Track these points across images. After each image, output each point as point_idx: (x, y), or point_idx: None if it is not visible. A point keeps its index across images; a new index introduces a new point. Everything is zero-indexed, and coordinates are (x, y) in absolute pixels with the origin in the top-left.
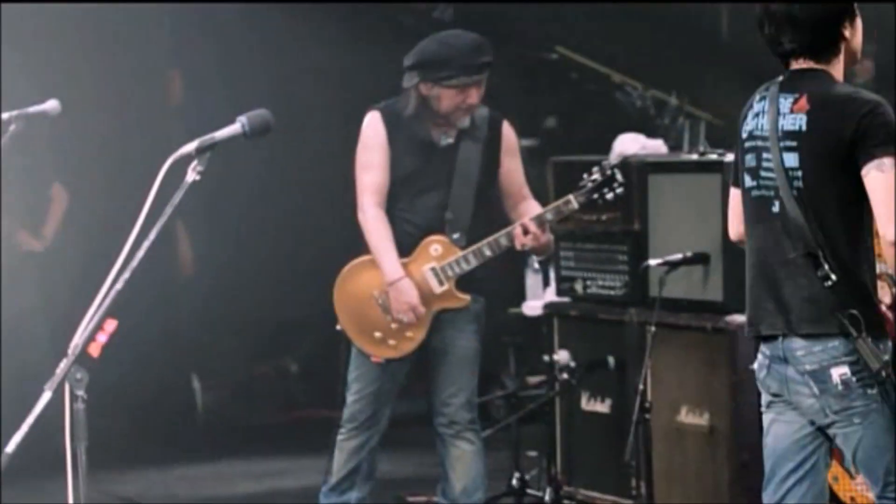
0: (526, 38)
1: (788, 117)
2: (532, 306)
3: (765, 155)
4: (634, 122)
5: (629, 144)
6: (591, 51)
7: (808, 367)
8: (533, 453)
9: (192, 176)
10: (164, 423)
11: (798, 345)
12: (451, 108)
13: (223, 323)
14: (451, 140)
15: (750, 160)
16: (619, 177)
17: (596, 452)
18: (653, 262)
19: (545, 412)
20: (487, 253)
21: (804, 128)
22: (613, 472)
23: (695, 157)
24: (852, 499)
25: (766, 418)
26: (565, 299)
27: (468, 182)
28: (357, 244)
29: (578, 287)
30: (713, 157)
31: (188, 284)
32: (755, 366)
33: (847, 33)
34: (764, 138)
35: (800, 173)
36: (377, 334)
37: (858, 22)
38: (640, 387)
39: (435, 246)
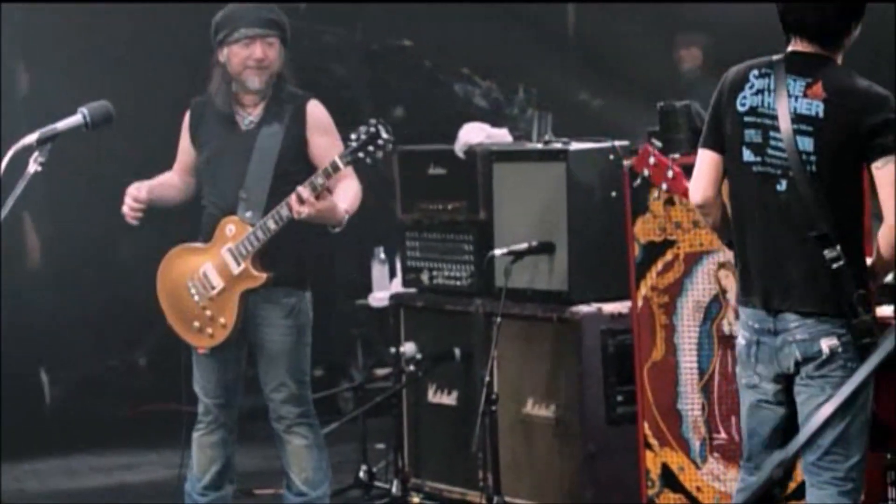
0: (375, 28)
1: (802, 101)
2: (378, 297)
3: (773, 134)
4: (484, 112)
5: (474, 134)
6: (443, 45)
7: (798, 337)
8: (380, 445)
9: (33, 167)
10: (13, 416)
11: (792, 317)
12: (239, 66)
13: (71, 316)
14: (253, 120)
15: (753, 135)
16: (384, 134)
17: (443, 444)
18: (498, 251)
19: (392, 404)
20: (272, 226)
21: (821, 115)
22: (460, 463)
23: (539, 146)
24: (698, 488)
25: (746, 400)
26: (411, 290)
27: (266, 160)
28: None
29: (424, 278)
30: (558, 145)
31: (35, 276)
32: (739, 340)
33: (854, 30)
34: (772, 117)
35: (814, 158)
36: (196, 324)
37: (859, 27)
38: (487, 378)
39: (230, 226)
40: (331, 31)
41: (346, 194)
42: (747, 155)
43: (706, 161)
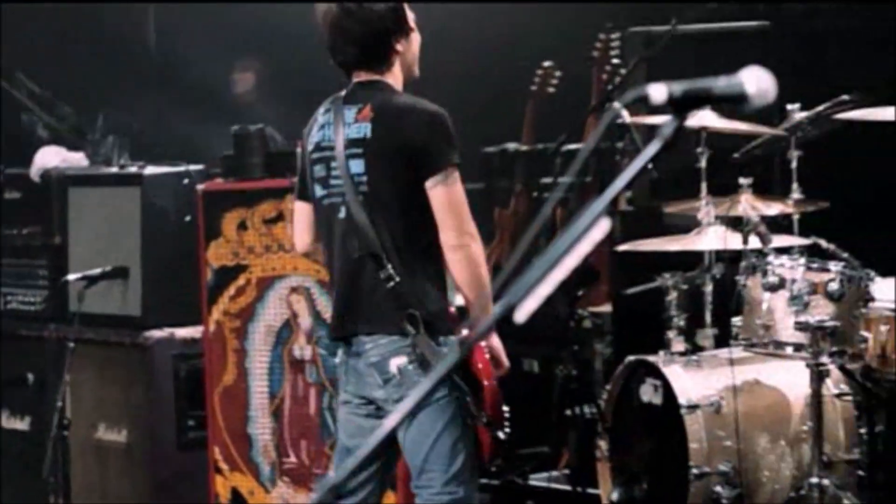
0: None
1: (353, 126)
2: None
3: (333, 164)
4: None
5: (50, 157)
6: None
7: (372, 359)
8: None
9: None
10: None
11: (366, 339)
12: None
13: None
14: None
15: (319, 170)
16: None
17: (16, 469)
18: (72, 276)
19: None
20: None
21: (368, 135)
22: (34, 488)
23: (114, 169)
24: None
25: (341, 416)
26: None
27: None
28: None
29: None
30: (133, 169)
31: None
32: (336, 361)
33: (400, 48)
34: (331, 148)
35: (365, 178)
36: None
37: (414, 37)
38: (59, 403)
39: None
40: None
41: None
42: (318, 190)
43: (298, 211)
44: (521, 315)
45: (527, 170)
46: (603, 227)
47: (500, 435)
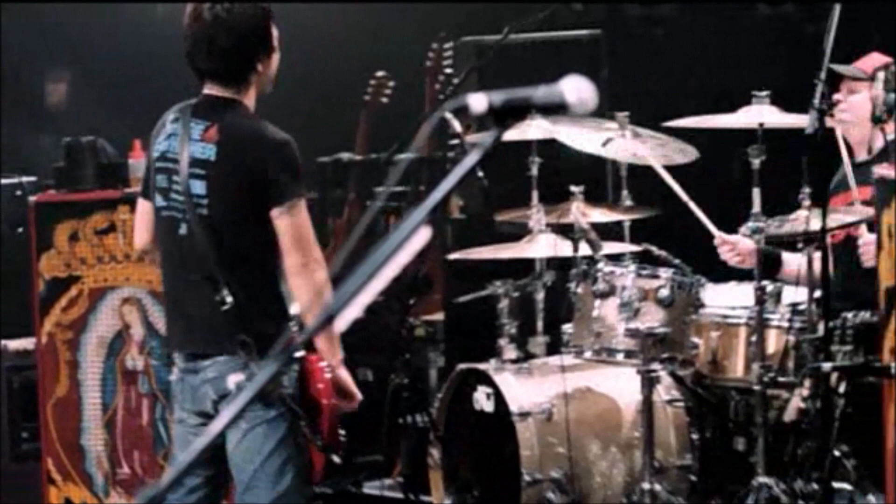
0: None
1: (198, 145)
2: None
3: (175, 178)
4: None
5: None
6: None
7: (210, 375)
8: None
9: None
10: None
11: (203, 358)
12: None
13: None
14: None
15: (161, 181)
16: None
17: None
18: None
19: None
20: None
21: (213, 158)
22: None
23: None
24: None
25: (177, 433)
26: None
27: None
28: None
29: None
30: None
31: None
32: (172, 377)
33: (260, 67)
34: (176, 161)
35: (206, 200)
36: None
37: (275, 57)
38: None
39: None
40: None
41: None
42: (158, 200)
43: (140, 209)
44: (342, 324)
45: (360, 179)
46: (423, 236)
47: (335, 458)
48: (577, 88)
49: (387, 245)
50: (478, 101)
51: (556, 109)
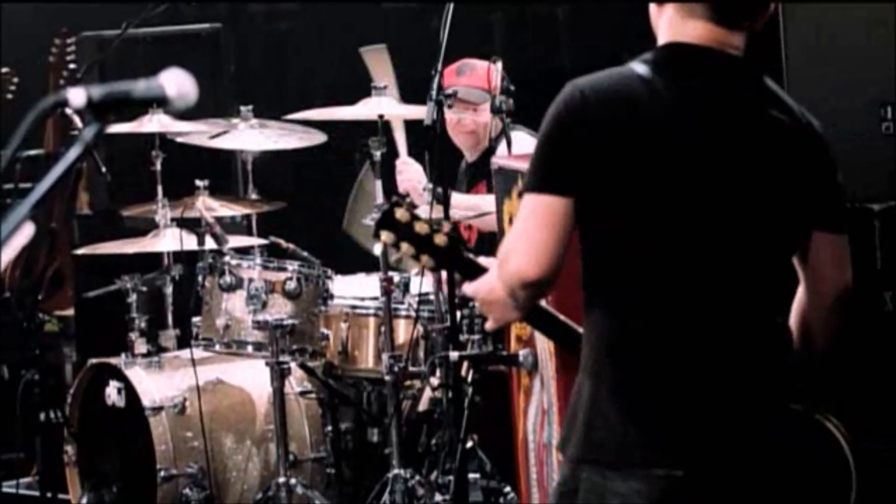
0: None
1: None
2: None
3: None
4: None
5: None
6: None
7: None
8: None
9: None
10: None
11: None
12: None
13: None
14: None
15: None
16: None
17: None
18: None
19: None
20: None
21: None
22: None
23: None
24: None
25: None
26: None
27: None
28: None
29: None
30: None
31: None
32: None
33: None
34: None
35: None
36: None
37: None
38: None
39: None
40: None
41: None
42: None
43: None
44: None
45: None
46: (26, 232)
47: None
48: (177, 82)
49: None
50: (77, 95)
51: (157, 103)
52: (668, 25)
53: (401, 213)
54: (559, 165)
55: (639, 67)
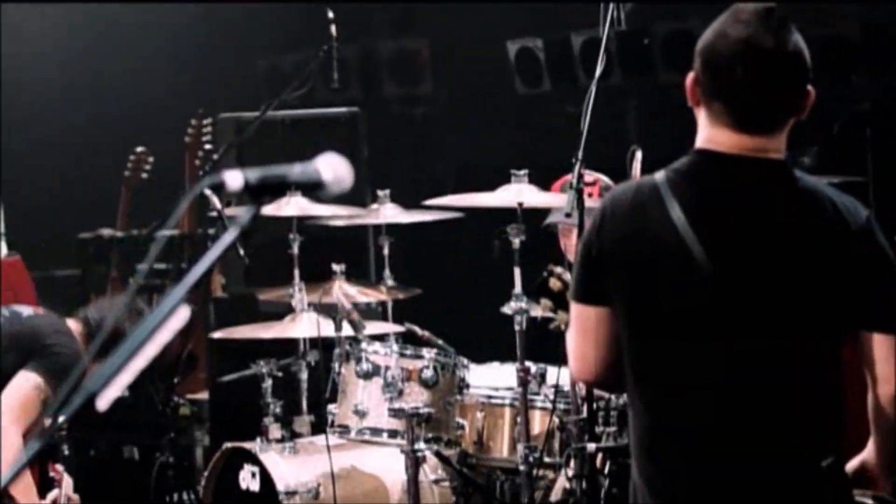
0: None
1: None
2: None
3: None
4: None
5: None
6: None
7: None
8: None
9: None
10: None
11: None
12: None
13: None
14: None
15: None
16: None
17: None
18: None
19: None
20: None
21: None
22: None
23: None
24: None
25: None
26: None
27: None
28: None
29: None
30: None
31: None
32: None
33: None
34: None
35: None
36: None
37: None
38: None
39: None
40: None
41: None
42: None
43: None
44: (103, 403)
45: (122, 255)
46: (182, 315)
47: None
48: (332, 166)
49: (146, 324)
50: (234, 179)
51: (313, 187)
52: (702, 127)
53: (553, 283)
54: (587, 278)
55: (660, 177)
